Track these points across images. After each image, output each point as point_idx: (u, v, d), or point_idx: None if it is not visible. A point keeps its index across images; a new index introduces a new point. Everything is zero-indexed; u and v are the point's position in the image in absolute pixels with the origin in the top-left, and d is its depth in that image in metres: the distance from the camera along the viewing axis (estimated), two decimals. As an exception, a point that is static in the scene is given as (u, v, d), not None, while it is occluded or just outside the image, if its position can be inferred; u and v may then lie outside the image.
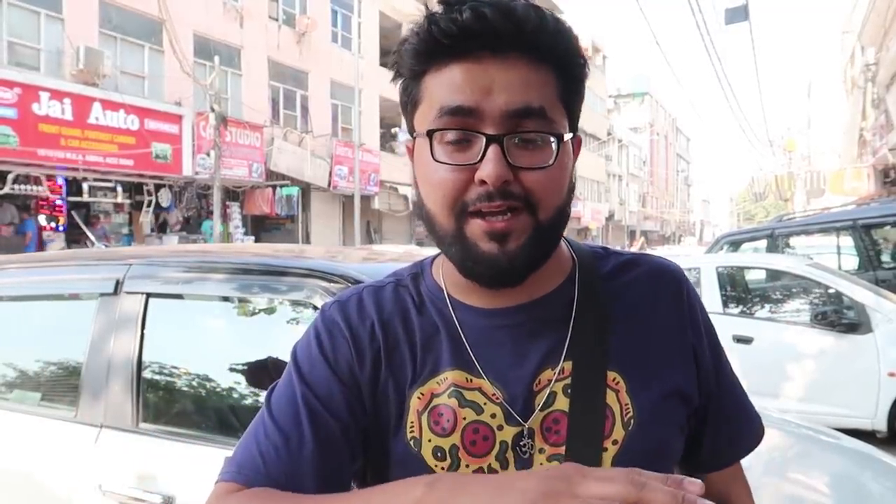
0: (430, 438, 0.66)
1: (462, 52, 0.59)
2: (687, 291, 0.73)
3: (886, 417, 4.25)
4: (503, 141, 0.59)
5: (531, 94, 0.60)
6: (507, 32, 0.58)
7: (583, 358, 0.66)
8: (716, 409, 0.73)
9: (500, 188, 0.59)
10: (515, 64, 0.60)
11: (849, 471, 2.07)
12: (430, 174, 0.62)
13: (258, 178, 15.27)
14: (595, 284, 0.71)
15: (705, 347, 0.72)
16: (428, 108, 0.62)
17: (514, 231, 0.60)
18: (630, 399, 0.66)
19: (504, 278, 0.63)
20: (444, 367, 0.67)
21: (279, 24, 16.60)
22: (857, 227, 6.50)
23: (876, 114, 17.70)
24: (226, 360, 1.80)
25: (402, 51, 0.63)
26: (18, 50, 11.24)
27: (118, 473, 1.63)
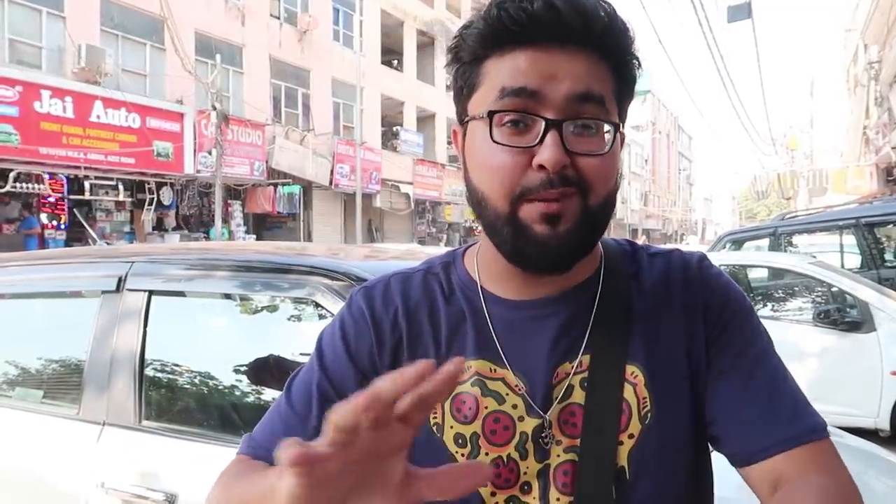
0: (451, 425, 0.67)
1: (528, 40, 0.60)
2: (705, 278, 0.71)
3: (889, 416, 4.24)
4: (562, 126, 0.60)
5: (593, 82, 0.61)
6: (577, 27, 0.60)
7: (600, 352, 0.67)
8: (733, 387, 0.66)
9: (559, 173, 0.60)
10: (579, 56, 0.61)
11: (852, 469, 2.05)
12: (487, 157, 0.62)
13: (260, 176, 15.27)
14: (619, 279, 0.71)
15: (724, 328, 0.68)
16: (487, 91, 0.63)
17: (566, 214, 0.61)
18: (648, 392, 0.66)
19: (553, 261, 0.63)
20: (470, 355, 0.68)
21: (281, 23, 16.60)
22: (860, 226, 6.48)
23: (879, 112, 17.66)
24: (228, 358, 1.80)
25: (465, 34, 0.64)
26: (20, 48, 11.26)
27: (121, 471, 1.63)
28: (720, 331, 0.68)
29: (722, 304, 0.70)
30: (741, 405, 0.66)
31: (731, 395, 0.67)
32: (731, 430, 0.66)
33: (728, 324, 0.69)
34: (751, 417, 0.65)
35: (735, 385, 0.67)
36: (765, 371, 0.68)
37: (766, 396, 0.66)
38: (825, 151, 36.11)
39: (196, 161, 13.56)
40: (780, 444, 0.63)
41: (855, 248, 6.68)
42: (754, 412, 0.65)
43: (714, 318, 0.69)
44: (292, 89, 17.19)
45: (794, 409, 0.66)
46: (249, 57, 15.67)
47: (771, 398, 0.66)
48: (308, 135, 16.84)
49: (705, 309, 0.69)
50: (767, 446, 0.64)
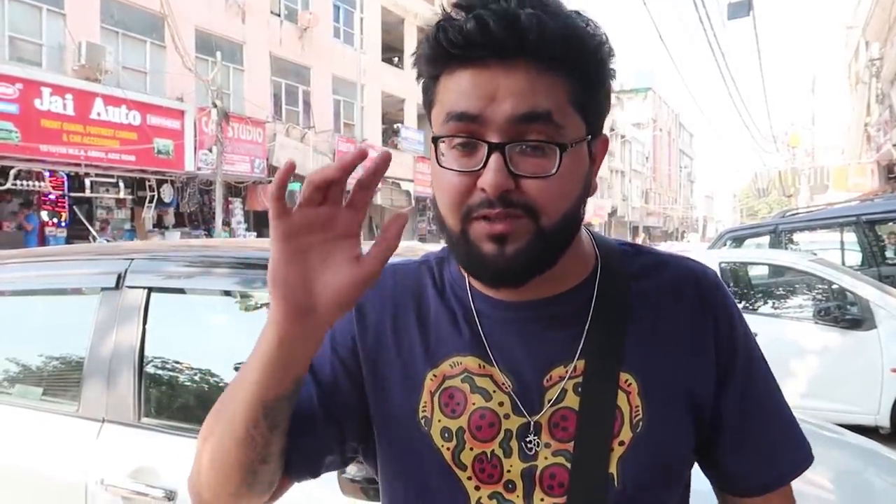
0: (439, 419, 0.68)
1: (469, 60, 0.60)
2: (717, 298, 0.71)
3: (890, 413, 4.23)
4: (505, 149, 0.59)
5: (537, 98, 0.59)
6: (509, 39, 0.58)
7: (596, 357, 0.67)
8: (740, 425, 0.70)
9: (500, 196, 0.59)
10: (521, 70, 0.59)
11: (852, 467, 2.06)
12: (438, 178, 0.64)
13: (260, 173, 15.26)
14: (617, 283, 0.70)
15: (732, 358, 0.70)
16: (439, 111, 0.63)
17: (513, 234, 0.61)
18: (641, 401, 0.66)
19: (503, 279, 0.64)
20: (459, 351, 0.69)
21: (281, 20, 16.57)
22: (861, 223, 6.47)
23: (880, 109, 17.63)
24: (227, 355, 1.80)
25: (418, 56, 0.65)
26: (20, 45, 11.25)
27: (120, 468, 1.63)
28: (730, 360, 0.70)
29: (732, 333, 0.71)
30: (740, 442, 0.70)
31: (731, 431, 0.70)
32: (722, 464, 0.72)
33: (737, 353, 0.70)
34: (745, 459, 0.71)
35: (737, 422, 0.70)
36: (767, 405, 0.72)
37: (761, 436, 0.71)
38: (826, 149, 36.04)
39: (196, 158, 13.55)
40: (763, 488, 0.71)
41: (856, 245, 6.68)
42: (750, 454, 0.70)
43: (725, 347, 0.69)
44: (293, 86, 17.17)
45: (783, 448, 0.72)
46: (250, 54, 15.65)
47: (768, 436, 0.71)
48: (309, 132, 16.83)
49: (716, 334, 0.69)
50: (751, 487, 0.72)
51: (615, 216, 40.31)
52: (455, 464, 0.67)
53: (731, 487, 0.73)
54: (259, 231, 16.30)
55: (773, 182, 20.09)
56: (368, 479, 1.29)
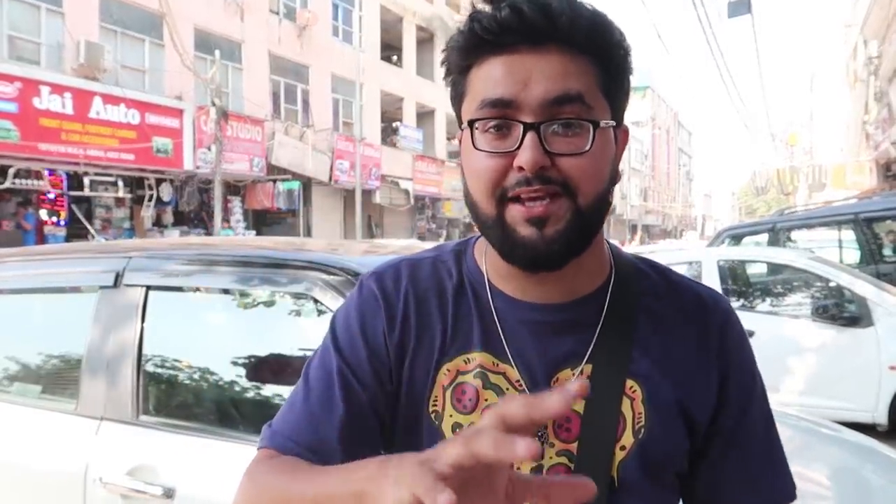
0: (451, 414, 0.68)
1: (502, 47, 0.62)
2: (728, 329, 0.72)
3: (887, 411, 4.24)
4: (540, 128, 0.61)
5: (569, 81, 0.61)
6: (542, 26, 0.60)
7: (603, 364, 0.68)
8: (729, 456, 0.71)
9: (538, 173, 0.61)
10: (553, 55, 0.62)
11: (849, 464, 2.07)
12: (472, 162, 0.65)
13: (259, 172, 15.25)
14: (629, 297, 0.72)
15: (733, 387, 0.71)
16: (471, 100, 0.65)
17: (553, 215, 0.62)
18: (644, 409, 0.67)
19: (542, 262, 0.64)
20: (474, 347, 0.70)
21: (280, 18, 16.55)
22: (859, 221, 6.48)
23: (878, 108, 17.62)
24: (226, 353, 1.80)
25: (450, 48, 0.66)
26: (19, 44, 11.23)
27: (119, 466, 1.64)
28: (731, 394, 0.71)
29: (737, 365, 0.72)
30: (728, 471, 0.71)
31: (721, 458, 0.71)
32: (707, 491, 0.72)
33: (740, 390, 0.71)
34: (731, 487, 0.71)
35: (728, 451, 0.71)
36: (759, 439, 0.73)
37: (752, 466, 0.71)
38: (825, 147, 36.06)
39: (195, 157, 13.54)
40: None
41: (854, 243, 6.69)
42: (736, 482, 0.71)
43: (727, 377, 0.70)
44: (292, 85, 17.16)
45: (771, 478, 0.72)
46: (248, 53, 15.63)
47: (755, 468, 0.71)
48: (307, 131, 16.81)
49: (720, 363, 0.70)
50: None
51: (614, 214, 40.30)
52: None
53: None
54: (258, 230, 16.30)
55: (771, 180, 20.09)
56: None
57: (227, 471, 1.56)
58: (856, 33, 21.51)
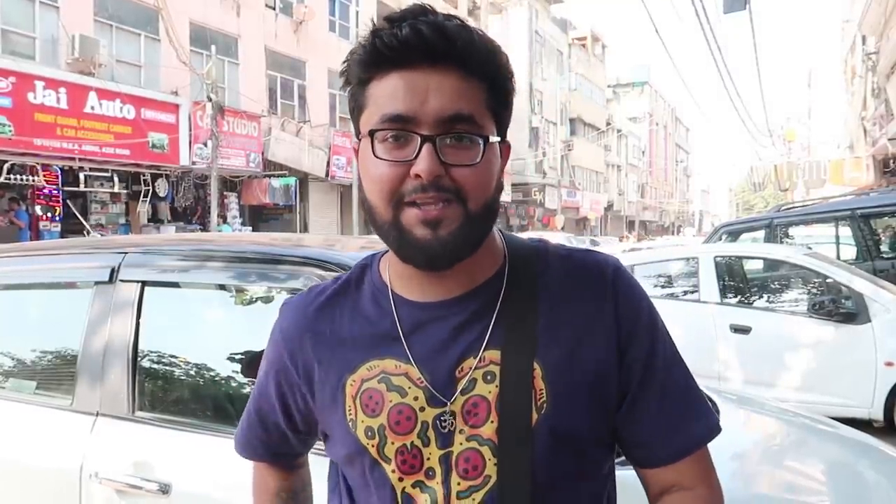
0: (362, 420, 0.75)
1: (402, 63, 0.67)
2: (618, 282, 0.76)
3: (883, 407, 4.25)
4: (436, 141, 0.67)
5: (462, 102, 0.68)
6: (441, 46, 0.66)
7: (509, 346, 0.72)
8: (643, 398, 0.75)
9: (433, 182, 0.66)
10: (449, 74, 0.68)
11: (845, 459, 2.07)
12: (372, 170, 0.70)
13: (256, 168, 15.22)
14: (524, 278, 0.76)
15: (633, 339, 0.74)
16: (372, 112, 0.70)
17: (446, 219, 0.68)
18: (545, 385, 0.71)
19: (436, 262, 0.70)
20: (377, 355, 0.76)
21: (276, 13, 16.49)
22: (856, 217, 6.49)
23: (876, 104, 17.65)
24: (222, 349, 1.79)
25: (350, 60, 0.71)
26: (13, 38, 11.16)
27: (114, 461, 1.63)
28: (633, 343, 0.75)
29: (635, 318, 0.75)
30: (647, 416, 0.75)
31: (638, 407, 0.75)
32: (634, 437, 0.76)
33: (640, 337, 0.75)
34: (651, 429, 0.75)
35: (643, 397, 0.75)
36: (668, 380, 0.76)
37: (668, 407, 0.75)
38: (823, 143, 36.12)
39: (192, 153, 13.50)
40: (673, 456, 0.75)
41: (851, 239, 6.70)
42: (656, 424, 0.75)
43: (627, 332, 0.74)
44: (288, 80, 17.10)
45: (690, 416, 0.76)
46: (245, 48, 15.57)
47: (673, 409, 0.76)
48: (304, 126, 16.77)
49: (618, 320, 0.74)
50: (662, 457, 0.76)
51: (611, 210, 40.33)
52: (381, 458, 0.73)
53: (644, 460, 0.77)
54: (254, 225, 16.27)
55: (768, 176, 20.10)
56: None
57: (223, 467, 1.56)
58: (854, 29, 21.52)
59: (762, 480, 1.78)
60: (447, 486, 0.71)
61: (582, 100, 34.92)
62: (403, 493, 0.72)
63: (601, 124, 37.22)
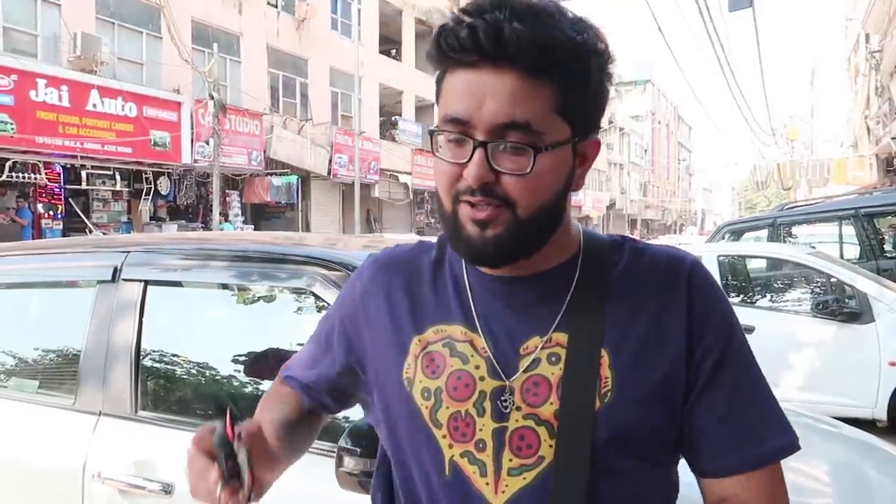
0: (420, 380, 0.75)
1: (463, 63, 0.67)
2: (692, 279, 0.74)
3: (887, 407, 4.24)
4: (488, 147, 0.67)
5: (518, 108, 0.66)
6: (493, 48, 0.65)
7: (579, 332, 0.73)
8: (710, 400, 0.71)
9: (482, 187, 0.67)
10: (508, 76, 0.65)
11: (849, 459, 2.06)
12: (437, 164, 0.72)
13: (257, 166, 15.22)
14: (598, 266, 0.76)
15: (706, 336, 0.72)
16: (441, 107, 0.72)
17: (493, 221, 0.69)
18: (611, 373, 0.71)
19: (482, 259, 0.72)
20: (445, 320, 0.77)
21: (278, 11, 16.48)
22: (860, 216, 6.47)
23: (880, 102, 17.60)
24: (225, 348, 1.79)
25: (427, 55, 0.73)
26: (15, 36, 11.17)
27: (117, 461, 1.63)
28: (704, 341, 0.72)
29: (708, 315, 0.73)
30: (715, 419, 0.72)
31: (705, 408, 0.72)
32: (699, 442, 0.72)
33: (712, 335, 0.72)
34: (721, 434, 0.71)
35: (712, 399, 0.72)
36: (743, 385, 0.73)
37: (739, 413, 0.72)
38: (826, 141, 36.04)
39: (193, 151, 13.50)
40: (740, 466, 0.71)
41: (854, 238, 6.68)
42: (725, 429, 0.71)
43: (699, 329, 0.72)
44: (290, 78, 17.09)
45: (764, 427, 0.72)
46: (247, 46, 15.56)
47: (744, 416, 0.72)
48: (306, 124, 16.76)
49: (690, 316, 0.72)
50: (725, 466, 0.71)
51: (613, 209, 40.31)
52: (432, 422, 0.74)
53: (704, 466, 0.73)
54: (256, 224, 16.28)
55: (771, 175, 20.07)
56: (366, 472, 1.28)
57: (226, 467, 1.56)
58: (857, 27, 21.46)
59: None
60: (498, 462, 0.71)
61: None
62: (451, 461, 0.72)
63: (603, 122, 37.05)
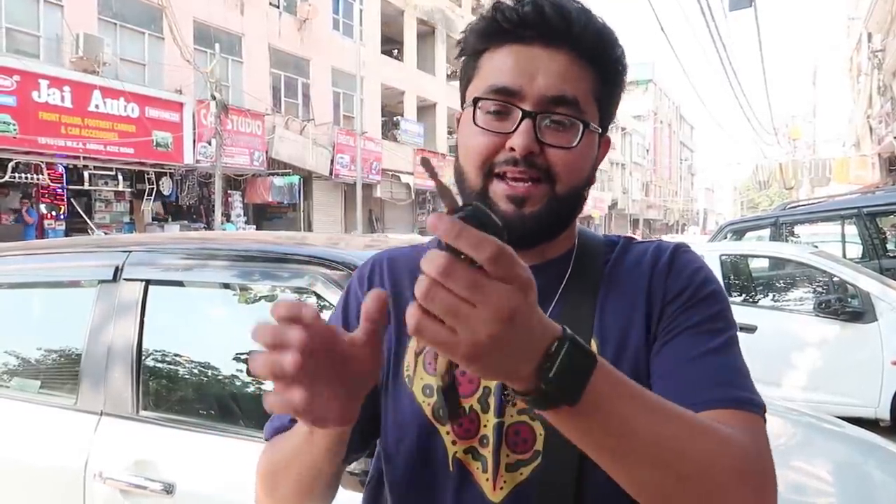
0: (421, 377, 0.73)
1: (517, 38, 0.69)
2: (674, 260, 0.73)
3: (890, 406, 4.23)
4: (536, 118, 0.67)
5: (568, 85, 0.68)
6: (558, 26, 0.67)
7: (568, 321, 0.70)
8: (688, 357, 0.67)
9: (526, 158, 0.67)
10: (561, 55, 0.68)
11: (852, 459, 2.06)
12: (469, 137, 0.71)
13: (259, 166, 15.23)
14: (592, 260, 0.76)
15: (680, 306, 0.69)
16: (480, 82, 0.71)
17: (532, 197, 0.68)
18: None
19: (515, 239, 0.64)
20: None
21: (280, 12, 16.49)
22: (862, 216, 6.45)
23: (882, 101, 17.55)
24: (226, 348, 1.79)
25: (469, 31, 0.73)
26: (17, 37, 11.20)
27: (118, 461, 1.63)
28: (677, 306, 0.70)
29: (684, 285, 0.71)
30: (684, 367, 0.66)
31: (676, 358, 0.67)
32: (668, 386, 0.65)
33: (687, 301, 0.70)
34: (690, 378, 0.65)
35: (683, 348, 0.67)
36: (715, 346, 0.67)
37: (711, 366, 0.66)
38: (828, 141, 35.98)
39: (196, 151, 13.52)
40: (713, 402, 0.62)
41: (857, 237, 6.66)
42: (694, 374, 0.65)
43: (673, 296, 0.70)
44: (292, 79, 17.10)
45: (736, 383, 0.65)
46: (249, 46, 15.58)
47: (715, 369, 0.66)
48: (308, 125, 16.77)
49: (666, 289, 0.71)
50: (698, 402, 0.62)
51: (615, 209, 40.26)
52: (435, 419, 0.71)
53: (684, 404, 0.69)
54: (258, 224, 16.29)
55: (773, 174, 20.02)
56: (367, 472, 1.28)
57: (228, 466, 1.56)
58: (860, 26, 21.41)
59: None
60: (497, 458, 0.69)
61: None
62: (455, 459, 0.70)
63: (605, 122, 37.06)
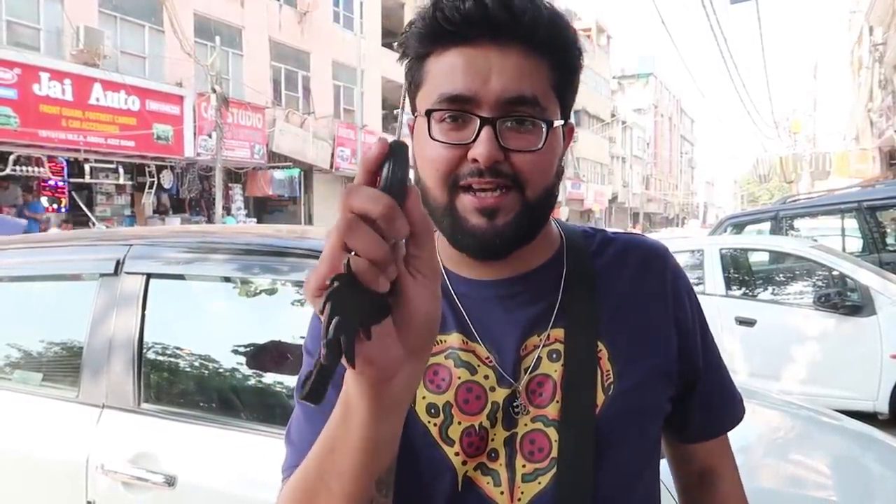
0: (424, 395, 0.69)
1: (463, 38, 0.63)
2: (671, 268, 0.76)
3: (888, 399, 4.24)
4: (496, 124, 0.63)
5: (525, 82, 0.63)
6: (505, 21, 0.62)
7: (573, 325, 0.70)
8: (701, 384, 0.78)
9: (491, 167, 0.63)
10: (512, 51, 0.63)
11: (850, 452, 2.07)
12: (427, 151, 0.66)
13: (260, 159, 15.22)
14: (583, 260, 0.75)
15: (690, 323, 0.75)
16: (430, 90, 0.66)
17: (504, 207, 0.64)
18: (611, 366, 0.69)
19: (491, 251, 0.66)
20: (446, 329, 0.71)
21: (280, 4, 16.42)
22: (862, 210, 6.45)
23: (883, 95, 17.49)
24: (227, 341, 1.80)
25: (409, 33, 0.67)
26: (18, 30, 11.16)
27: (120, 453, 1.64)
28: (687, 325, 0.75)
29: (686, 298, 0.76)
30: (706, 395, 0.78)
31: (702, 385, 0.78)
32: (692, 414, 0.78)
33: (693, 319, 0.76)
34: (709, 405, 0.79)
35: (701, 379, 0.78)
36: (713, 359, 0.79)
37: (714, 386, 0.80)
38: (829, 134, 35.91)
39: (196, 144, 13.50)
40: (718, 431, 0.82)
41: (857, 231, 6.66)
42: (714, 401, 0.79)
43: (682, 312, 0.75)
44: (292, 72, 17.06)
45: (728, 396, 0.82)
46: (249, 39, 15.52)
47: (716, 386, 0.80)
48: (309, 118, 16.74)
49: (675, 301, 0.75)
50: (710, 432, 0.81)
51: (615, 202, 40.20)
52: (442, 439, 0.68)
53: (688, 437, 0.81)
54: (259, 217, 16.28)
55: (774, 168, 19.98)
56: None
57: (229, 459, 1.57)
58: (861, 20, 21.32)
59: (767, 473, 1.78)
60: (511, 469, 0.67)
61: (586, 91, 34.73)
62: (465, 478, 0.67)
63: (606, 116, 37.03)
